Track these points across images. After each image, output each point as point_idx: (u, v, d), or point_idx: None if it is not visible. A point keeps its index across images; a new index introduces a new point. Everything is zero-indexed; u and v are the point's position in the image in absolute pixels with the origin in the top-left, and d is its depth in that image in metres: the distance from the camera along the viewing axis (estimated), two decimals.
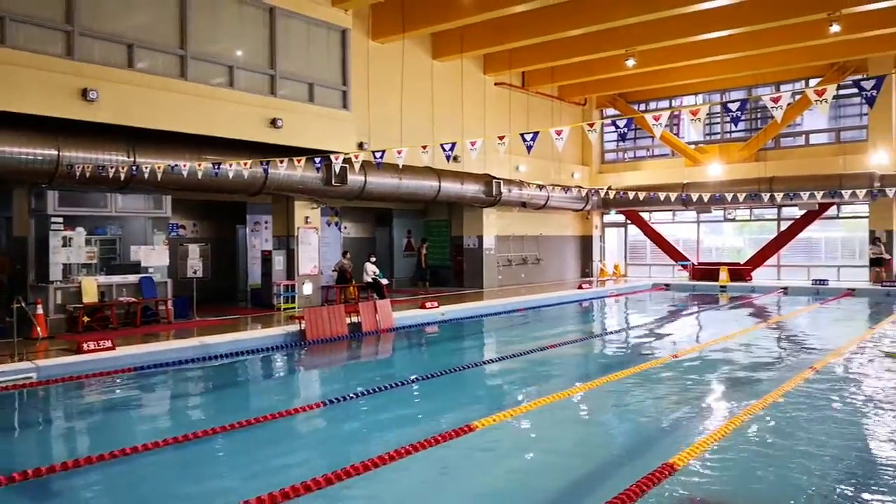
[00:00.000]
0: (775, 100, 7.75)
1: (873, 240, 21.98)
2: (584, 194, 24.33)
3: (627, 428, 7.18)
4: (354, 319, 13.15)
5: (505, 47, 19.31)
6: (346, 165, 13.77)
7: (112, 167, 11.36)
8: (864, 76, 9.30)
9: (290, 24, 14.16)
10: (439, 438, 6.21)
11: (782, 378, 8.70)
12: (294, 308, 15.25)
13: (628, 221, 27.51)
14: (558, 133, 9.26)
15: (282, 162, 10.96)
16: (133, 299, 12.90)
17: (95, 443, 6.78)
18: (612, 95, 26.16)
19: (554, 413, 7.47)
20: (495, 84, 22.02)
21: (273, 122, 13.53)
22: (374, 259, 17.62)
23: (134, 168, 11.59)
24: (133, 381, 9.20)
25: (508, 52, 20.22)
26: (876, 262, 21.57)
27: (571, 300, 19.64)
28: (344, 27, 15.21)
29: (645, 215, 26.88)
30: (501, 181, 20.32)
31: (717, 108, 23.41)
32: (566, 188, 22.56)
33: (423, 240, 19.95)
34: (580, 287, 21.45)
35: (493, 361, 10.82)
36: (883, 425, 6.81)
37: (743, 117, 25.03)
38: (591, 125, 8.76)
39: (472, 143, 9.76)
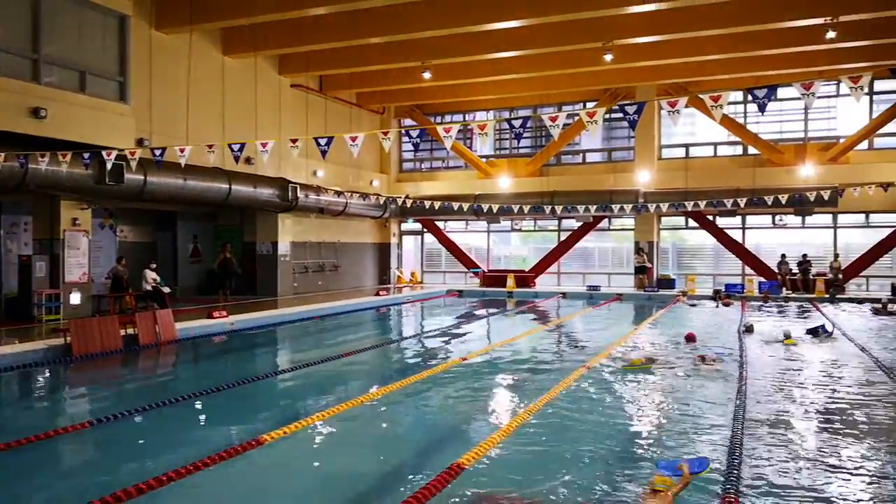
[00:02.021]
0: (553, 119, 8.32)
1: (637, 250, 24.55)
2: (382, 202, 24.53)
3: (420, 431, 7.24)
4: (131, 331, 12.03)
5: (302, 49, 18.92)
6: (123, 163, 12.58)
7: None
8: (631, 102, 10.36)
9: (58, 3, 12.66)
10: (224, 455, 5.80)
11: (559, 376, 9.30)
12: (58, 319, 13.64)
13: (425, 230, 28.22)
14: (353, 139, 9.19)
15: (43, 156, 9.73)
16: None
17: None
18: (411, 106, 26.71)
19: (348, 420, 7.32)
20: (291, 86, 21.48)
21: (35, 112, 11.98)
22: (154, 266, 16.28)
23: None
24: None
25: (306, 54, 19.84)
26: (640, 270, 24.08)
27: (369, 307, 19.65)
28: (123, 13, 13.93)
29: (440, 224, 27.74)
30: (298, 186, 19.83)
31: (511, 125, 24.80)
32: (365, 195, 22.58)
33: (225, 243, 18.69)
34: (378, 294, 21.54)
35: (286, 371, 10.42)
36: (643, 416, 7.50)
37: (528, 134, 26.80)
38: (386, 133, 8.79)
39: (264, 145, 9.36)
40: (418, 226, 28.26)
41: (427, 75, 19.75)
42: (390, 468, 5.96)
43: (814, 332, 13.34)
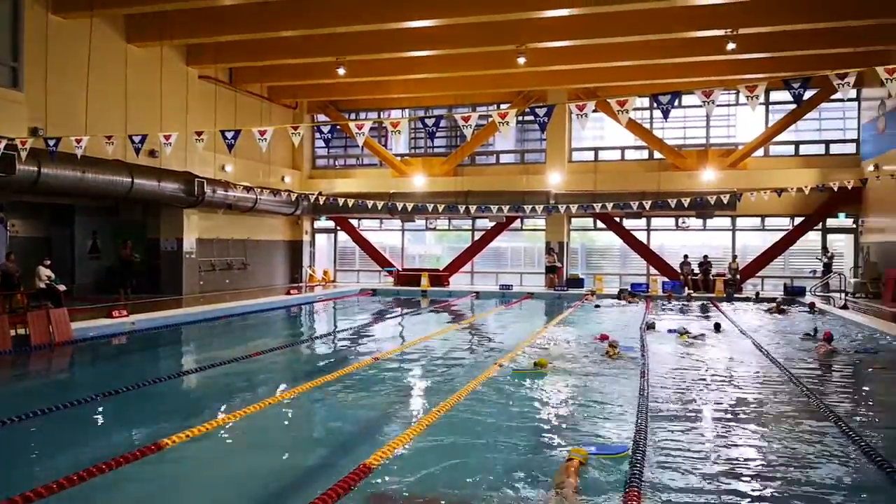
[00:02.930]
0: (466, 119, 8.38)
1: (548, 250, 25.09)
2: (294, 199, 24.06)
3: (330, 431, 7.13)
4: (22, 332, 11.29)
5: (211, 40, 18.32)
6: (14, 153, 11.78)
7: None
8: (542, 104, 10.56)
9: None
10: (121, 460, 5.50)
11: (471, 374, 9.35)
12: None
13: (338, 228, 27.87)
14: (262, 133, 8.94)
15: None
16: None
17: None
18: (325, 102, 26.32)
19: (255, 422, 7.10)
20: (200, 77, 20.74)
21: None
22: (48, 262, 15.32)
23: None
24: None
25: (216, 45, 19.21)
26: (550, 270, 24.63)
27: (279, 306, 19.22)
28: None
29: (354, 222, 27.48)
30: (205, 181, 19.18)
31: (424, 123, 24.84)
32: (276, 191, 22.08)
33: (126, 239, 17.76)
34: (289, 293, 21.10)
35: (190, 373, 10.03)
36: (552, 411, 7.63)
37: (443, 134, 26.96)
38: (296, 128, 8.60)
39: (167, 137, 8.98)
40: (331, 223, 27.89)
41: (341, 71, 19.48)
42: (298, 470, 5.82)
43: (716, 328, 14.22)
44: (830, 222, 23.73)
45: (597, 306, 19.52)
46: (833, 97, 22.26)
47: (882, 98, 20.38)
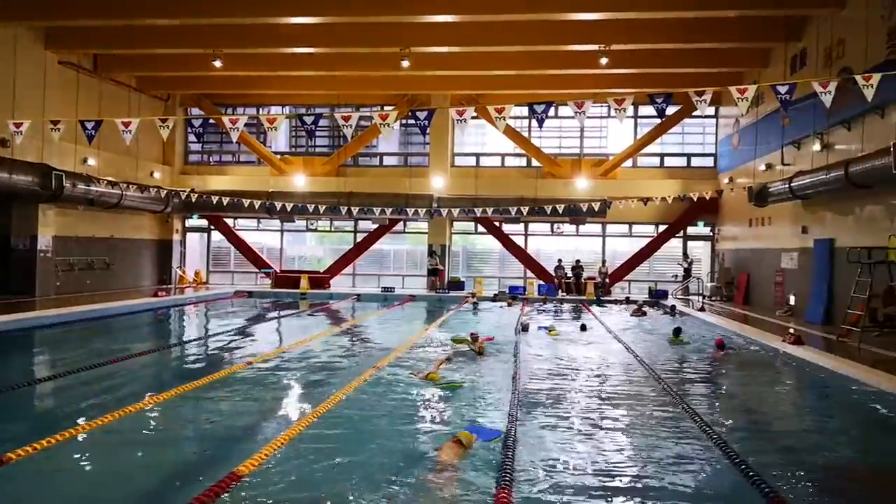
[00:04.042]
0: (346, 119, 8.27)
1: (431, 253, 25.28)
2: (163, 195, 22.88)
3: (198, 439, 6.77)
4: None
5: (74, 23, 17.09)
6: None
7: None
8: (422, 108, 10.63)
9: None
10: None
11: (349, 378, 9.21)
12: None
13: (212, 227, 26.77)
14: (126, 125, 8.41)
15: None
16: None
17: None
18: (199, 95, 25.24)
19: (116, 432, 6.63)
20: (59, 63, 19.29)
21: None
22: None
23: None
24: None
25: (79, 29, 17.96)
26: (432, 272, 24.82)
27: (146, 309, 18.18)
28: None
29: (230, 221, 26.50)
30: (64, 174, 17.86)
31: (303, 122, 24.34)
32: (144, 187, 20.92)
33: None
34: (156, 295, 20.00)
35: (43, 381, 9.25)
36: (427, 411, 7.65)
37: (325, 134, 26.56)
38: (164, 121, 8.15)
39: (18, 125, 8.26)
40: (205, 222, 26.75)
41: (217, 63, 18.66)
42: (163, 482, 5.45)
43: (582, 328, 15.28)
44: (691, 230, 25.43)
45: (476, 310, 19.84)
46: (694, 114, 23.88)
47: (737, 116, 22.07)
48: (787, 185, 16.47)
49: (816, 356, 10.83)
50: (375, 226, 25.65)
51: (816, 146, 15.90)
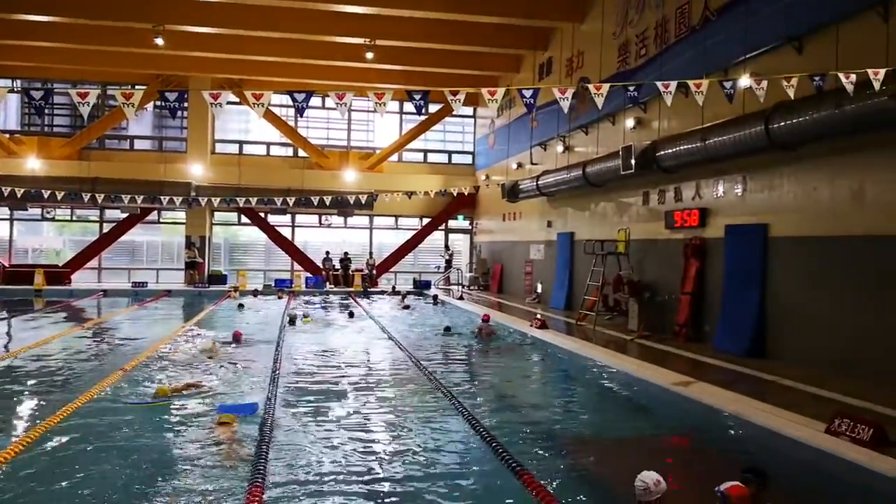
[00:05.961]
0: (82, 96, 7.48)
1: (189, 244, 23.82)
2: None
3: None
4: None
5: None
6: None
7: None
8: (173, 89, 9.84)
9: None
10: None
11: (91, 382, 8.39)
12: None
13: None
14: None
15: None
16: None
17: None
18: None
19: None
20: None
21: None
22: None
23: None
24: None
25: None
26: (191, 266, 23.41)
27: None
28: None
29: None
30: None
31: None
32: None
33: None
34: None
35: None
36: (175, 412, 7.24)
37: (64, 112, 23.88)
38: None
39: None
40: None
41: None
42: None
43: (350, 315, 16.18)
44: (452, 224, 26.84)
45: (240, 306, 19.02)
46: (455, 113, 25.16)
47: (492, 117, 23.68)
48: (534, 183, 18.00)
49: (558, 338, 12.02)
50: (125, 215, 23.48)
51: (560, 148, 17.58)
